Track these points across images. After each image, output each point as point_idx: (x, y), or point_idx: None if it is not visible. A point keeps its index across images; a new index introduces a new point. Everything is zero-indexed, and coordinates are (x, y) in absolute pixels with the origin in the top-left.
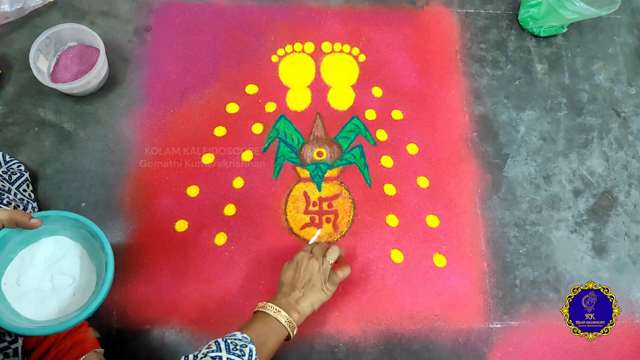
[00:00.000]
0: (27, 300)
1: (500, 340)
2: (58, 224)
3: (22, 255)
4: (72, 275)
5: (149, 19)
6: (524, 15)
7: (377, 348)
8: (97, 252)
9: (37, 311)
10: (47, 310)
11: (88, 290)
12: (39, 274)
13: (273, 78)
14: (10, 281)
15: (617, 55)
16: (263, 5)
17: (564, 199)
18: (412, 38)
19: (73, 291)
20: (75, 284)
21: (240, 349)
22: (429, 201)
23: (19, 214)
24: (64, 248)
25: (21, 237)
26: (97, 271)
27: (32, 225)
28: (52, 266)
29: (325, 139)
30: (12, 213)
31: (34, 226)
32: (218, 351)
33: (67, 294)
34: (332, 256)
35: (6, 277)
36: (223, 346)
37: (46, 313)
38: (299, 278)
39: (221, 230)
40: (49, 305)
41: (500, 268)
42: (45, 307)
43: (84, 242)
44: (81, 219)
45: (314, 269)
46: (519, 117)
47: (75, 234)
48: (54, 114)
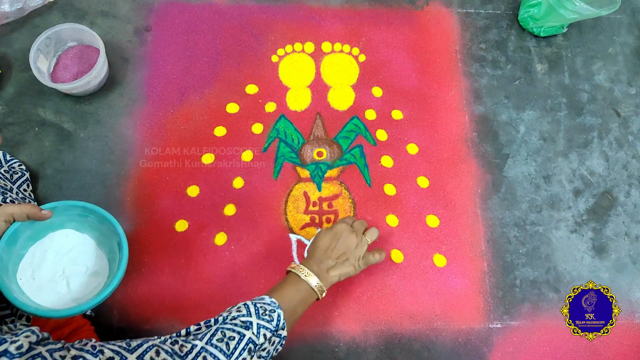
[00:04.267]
0: (45, 292)
1: (500, 340)
2: (64, 215)
3: (33, 251)
4: (84, 264)
5: (149, 19)
6: (524, 15)
7: (377, 348)
8: (106, 237)
9: (55, 302)
10: (65, 299)
11: (102, 275)
12: (52, 267)
13: (273, 78)
14: (26, 276)
15: (617, 55)
16: (263, 5)
17: (564, 199)
18: (412, 38)
19: (87, 279)
20: (88, 272)
21: (269, 314)
22: (429, 201)
23: (30, 207)
24: (73, 240)
25: (30, 233)
26: (109, 256)
27: (43, 217)
28: (63, 258)
29: (325, 139)
30: (22, 207)
31: (45, 217)
32: (248, 315)
33: (81, 282)
34: (371, 236)
35: (20, 272)
36: (253, 310)
37: (64, 302)
38: (335, 248)
39: (221, 230)
40: (66, 294)
41: (500, 268)
42: (63, 297)
43: (91, 230)
44: (88, 206)
45: (352, 244)
46: (519, 117)
47: (81, 223)
48: (54, 114)
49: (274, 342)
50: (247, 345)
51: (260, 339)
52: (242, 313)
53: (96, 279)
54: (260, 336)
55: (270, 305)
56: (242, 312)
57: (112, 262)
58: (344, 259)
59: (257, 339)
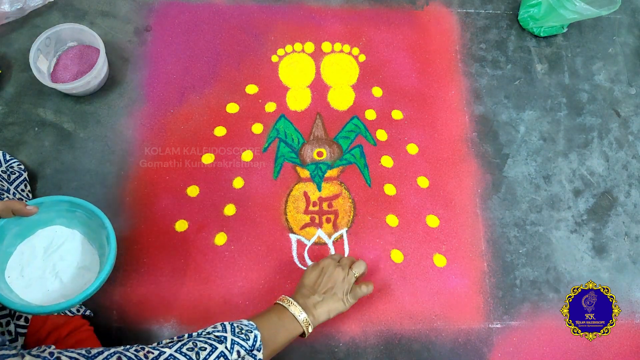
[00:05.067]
0: (34, 289)
1: (500, 340)
2: (52, 211)
3: (21, 249)
4: (73, 260)
5: (149, 19)
6: (524, 15)
7: (377, 348)
8: (96, 233)
9: (45, 298)
10: (54, 295)
11: (92, 270)
12: (41, 264)
13: (273, 78)
14: (14, 274)
15: (617, 55)
16: (263, 5)
17: (564, 199)
18: (412, 38)
19: (78, 274)
20: (77, 267)
21: (246, 333)
22: (429, 201)
23: (15, 203)
24: (62, 236)
25: (17, 230)
26: (99, 252)
27: (28, 212)
28: (53, 255)
29: (325, 139)
30: (7, 202)
31: (30, 213)
32: (224, 332)
33: (71, 278)
34: (358, 270)
35: (9, 270)
36: (229, 328)
37: (54, 298)
38: (322, 283)
39: (221, 230)
40: (55, 291)
41: (500, 268)
42: (52, 293)
43: (80, 226)
44: (76, 201)
45: (338, 278)
46: (519, 117)
47: (70, 219)
48: (54, 114)
49: None
50: (219, 358)
51: (233, 355)
52: (218, 329)
53: (86, 274)
54: (233, 352)
55: (247, 326)
56: (218, 328)
57: (102, 258)
58: (331, 294)
59: (230, 354)
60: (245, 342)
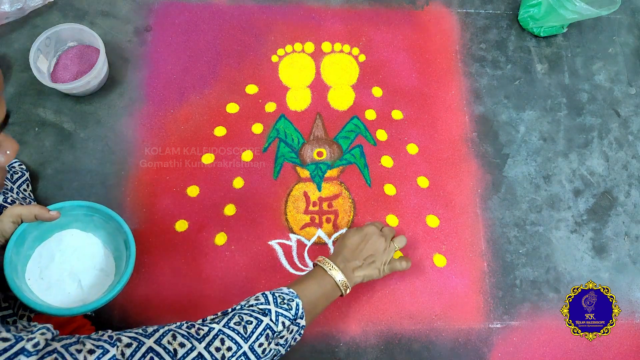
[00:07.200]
0: (53, 292)
1: (500, 340)
2: (69, 216)
3: (40, 251)
4: (91, 263)
5: (149, 19)
6: (524, 15)
7: (377, 348)
8: (112, 236)
9: (64, 301)
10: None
11: (109, 274)
12: (59, 267)
13: (273, 78)
14: (34, 276)
15: (617, 55)
16: (263, 5)
17: (564, 199)
18: (412, 38)
19: (95, 277)
20: (95, 270)
21: (288, 302)
22: (429, 201)
23: (38, 208)
24: (78, 240)
25: (36, 234)
26: (115, 255)
27: (51, 217)
28: (70, 258)
29: (325, 139)
30: (30, 207)
31: (53, 218)
32: (267, 304)
33: (89, 281)
34: (399, 244)
35: (29, 272)
36: (271, 299)
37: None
38: (364, 249)
39: (221, 230)
40: (74, 293)
41: (500, 268)
42: (71, 296)
43: (96, 230)
44: (95, 206)
45: (380, 247)
46: (519, 117)
47: (87, 223)
48: (54, 114)
49: (293, 330)
50: (265, 331)
51: (279, 327)
52: (260, 301)
53: (103, 278)
54: (278, 324)
55: (288, 295)
56: (260, 300)
57: (118, 261)
58: (371, 261)
59: (276, 326)
60: (288, 311)
